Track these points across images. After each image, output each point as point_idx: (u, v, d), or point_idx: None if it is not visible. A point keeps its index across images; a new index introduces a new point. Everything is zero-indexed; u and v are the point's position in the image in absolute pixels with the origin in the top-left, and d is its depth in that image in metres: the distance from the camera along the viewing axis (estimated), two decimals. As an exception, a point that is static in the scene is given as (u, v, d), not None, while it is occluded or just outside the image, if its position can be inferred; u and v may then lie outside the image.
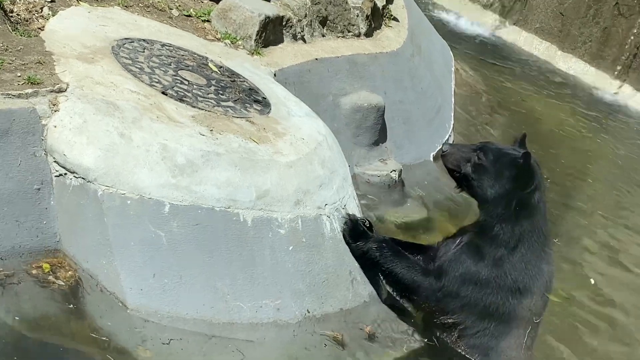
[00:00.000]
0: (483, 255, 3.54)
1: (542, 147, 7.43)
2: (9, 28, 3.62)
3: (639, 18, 10.02)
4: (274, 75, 4.64)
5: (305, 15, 5.25)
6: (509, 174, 3.54)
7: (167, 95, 3.58)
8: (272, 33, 4.90)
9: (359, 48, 5.68)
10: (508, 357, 3.60)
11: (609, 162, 8.00)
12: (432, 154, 6.12)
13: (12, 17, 3.72)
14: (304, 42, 5.26)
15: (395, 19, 6.42)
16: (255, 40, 4.73)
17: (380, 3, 6.10)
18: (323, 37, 5.48)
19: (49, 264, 3.07)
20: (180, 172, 3.22)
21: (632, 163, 8.09)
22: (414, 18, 6.84)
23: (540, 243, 3.58)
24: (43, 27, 3.78)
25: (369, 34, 5.95)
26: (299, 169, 3.58)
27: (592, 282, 5.30)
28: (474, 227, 3.70)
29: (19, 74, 3.29)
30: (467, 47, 10.05)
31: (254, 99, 3.97)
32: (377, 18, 6.03)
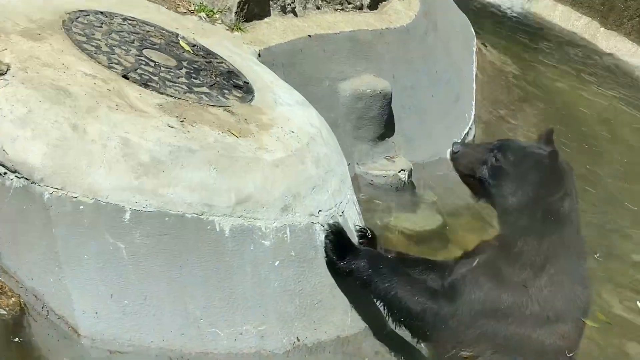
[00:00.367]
0: (504, 277, 3.49)
1: (581, 143, 7.44)
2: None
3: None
4: (259, 56, 4.64)
5: (297, -17, 5.26)
6: (533, 178, 3.50)
7: (129, 80, 3.57)
8: (256, 4, 4.90)
9: (362, 23, 5.69)
10: None
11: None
12: (448, 151, 6.12)
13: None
14: (295, 15, 5.26)
15: (405, -11, 6.44)
16: (236, 13, 4.73)
17: (387, -31, 6.12)
18: (318, 9, 5.48)
19: (-14, 290, 3.06)
20: (145, 172, 3.21)
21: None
22: (428, -13, 6.85)
23: (573, 261, 3.53)
24: (-21, -3, 3.77)
25: (374, 6, 5.95)
26: (288, 169, 3.58)
27: (638, 304, 5.30)
28: (495, 241, 3.67)
29: (-50, 54, 3.28)
30: (492, 23, 10.07)
31: (234, 84, 3.96)
32: (383, -13, 6.05)
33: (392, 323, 3.64)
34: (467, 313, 3.49)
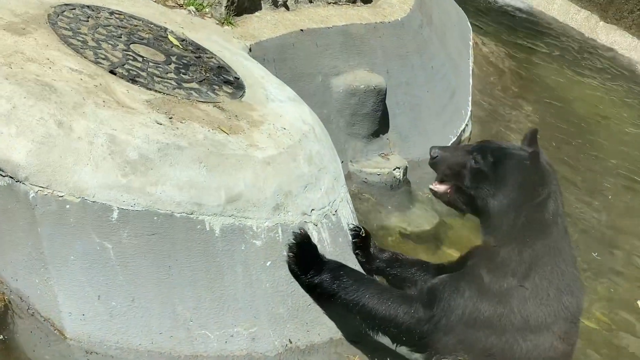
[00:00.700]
0: (486, 287, 3.40)
1: (579, 141, 7.46)
2: None
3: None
4: (250, 51, 4.65)
5: (288, -24, 5.27)
6: (514, 180, 3.43)
7: (116, 75, 3.57)
8: (247, -2, 4.91)
9: (355, 17, 5.69)
10: None
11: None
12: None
13: None
14: (287, 9, 5.26)
15: (400, -18, 6.45)
16: (227, 7, 4.73)
17: (381, -39, 6.12)
18: (310, 2, 5.48)
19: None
20: (132, 169, 3.21)
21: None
22: (423, -20, 6.85)
23: (559, 269, 3.43)
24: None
25: (368, 0, 5.95)
26: (280, 166, 3.58)
27: (639, 304, 5.32)
28: (478, 248, 3.59)
29: None
30: (489, 17, 10.08)
31: (224, 80, 3.96)
32: (377, -20, 6.06)
33: (369, 332, 3.58)
34: (445, 319, 3.41)
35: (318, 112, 4.40)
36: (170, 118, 3.43)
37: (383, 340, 3.65)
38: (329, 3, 5.62)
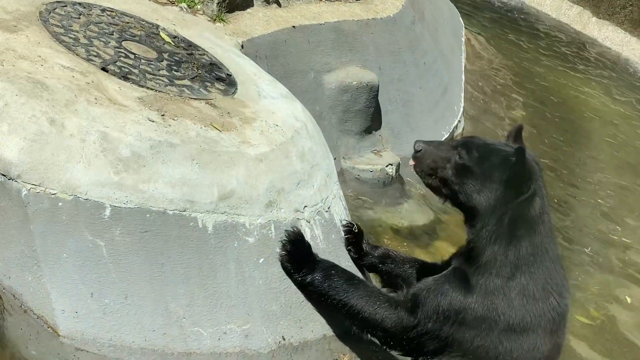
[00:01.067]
0: (471, 288, 3.38)
1: (572, 137, 7.48)
2: None
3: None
4: (242, 47, 4.65)
5: (280, -28, 5.27)
6: (499, 177, 3.38)
7: (108, 72, 3.57)
8: (239, -5, 4.91)
9: (347, 13, 5.70)
10: None
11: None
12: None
13: None
14: (279, 5, 5.26)
15: (392, -22, 6.46)
16: (218, 4, 4.74)
17: (373, -43, 6.13)
18: (302, -1, 5.49)
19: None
20: (125, 167, 3.22)
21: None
22: (415, -23, 6.86)
23: (546, 269, 3.39)
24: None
25: (360, -4, 5.97)
26: (272, 163, 3.59)
27: (628, 300, 5.35)
28: (463, 248, 3.55)
29: None
30: (482, 13, 10.10)
31: (216, 77, 3.97)
32: (368, -24, 6.06)
33: (356, 331, 3.58)
34: (429, 324, 3.39)
35: (310, 108, 4.41)
36: (163, 115, 3.44)
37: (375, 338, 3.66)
38: (321, -1, 5.63)
